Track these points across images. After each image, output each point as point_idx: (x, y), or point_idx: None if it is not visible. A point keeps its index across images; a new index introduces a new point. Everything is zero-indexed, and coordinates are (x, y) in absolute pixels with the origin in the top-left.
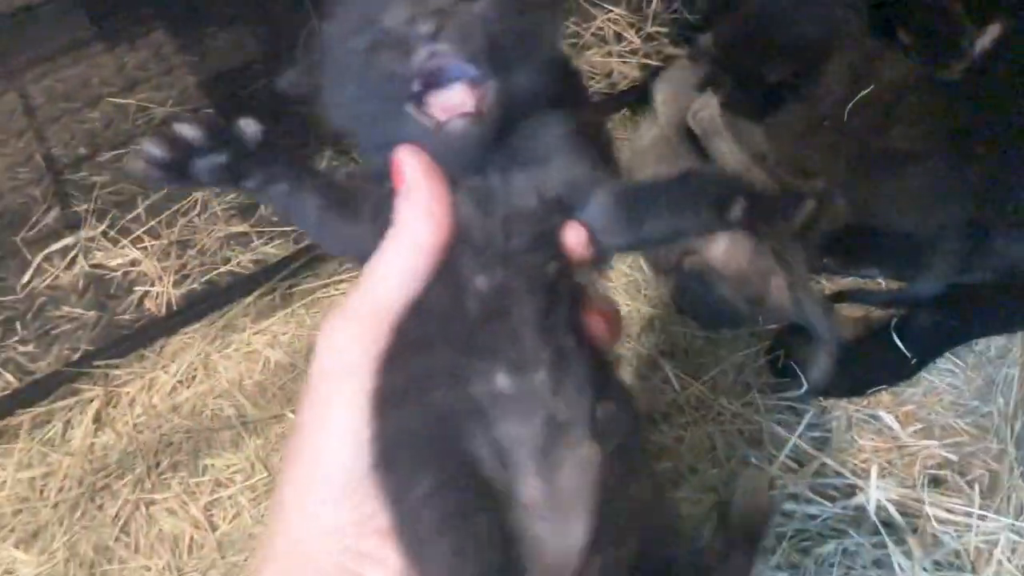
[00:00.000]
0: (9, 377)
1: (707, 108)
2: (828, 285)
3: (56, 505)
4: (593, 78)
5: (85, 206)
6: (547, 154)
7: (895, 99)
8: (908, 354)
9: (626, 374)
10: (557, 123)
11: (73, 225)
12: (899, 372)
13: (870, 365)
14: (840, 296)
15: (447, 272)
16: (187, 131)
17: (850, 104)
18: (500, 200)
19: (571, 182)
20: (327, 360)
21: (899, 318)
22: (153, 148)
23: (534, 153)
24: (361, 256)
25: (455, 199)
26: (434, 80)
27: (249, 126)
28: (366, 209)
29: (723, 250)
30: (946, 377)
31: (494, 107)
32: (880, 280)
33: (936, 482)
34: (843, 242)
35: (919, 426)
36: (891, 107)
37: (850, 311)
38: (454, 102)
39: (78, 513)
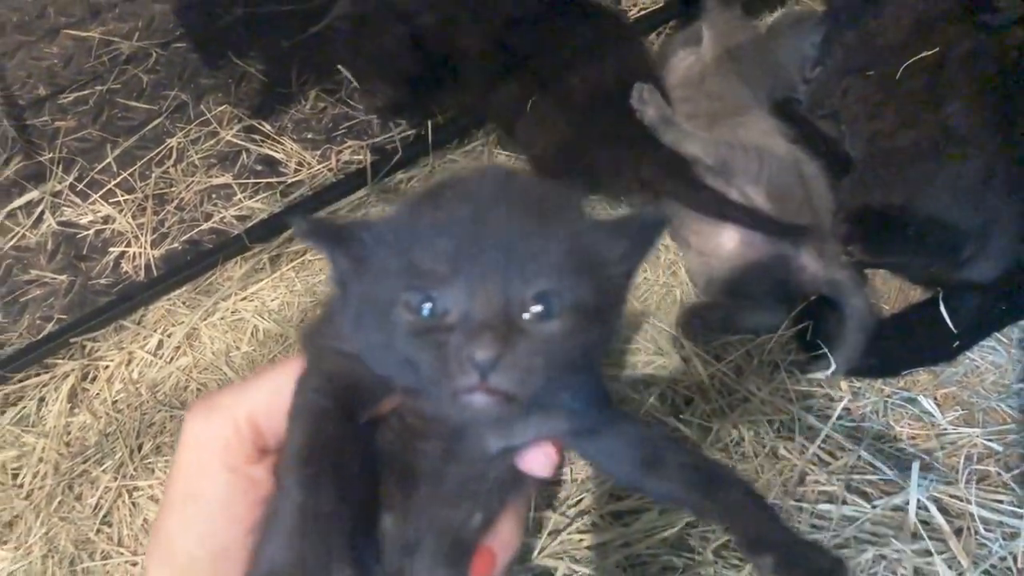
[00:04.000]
0: None
1: (650, 104)
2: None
3: (31, 494)
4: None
5: (49, 155)
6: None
7: (955, 68)
8: (954, 330)
9: (645, 352)
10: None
11: (37, 177)
12: (940, 352)
13: (908, 343)
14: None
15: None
16: None
17: (909, 60)
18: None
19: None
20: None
21: (944, 294)
22: None
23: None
24: None
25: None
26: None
27: None
28: None
29: (734, 245)
30: (988, 355)
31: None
32: None
33: (980, 477)
34: (874, 230)
35: (960, 411)
36: (950, 77)
37: (888, 283)
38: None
39: (55, 503)
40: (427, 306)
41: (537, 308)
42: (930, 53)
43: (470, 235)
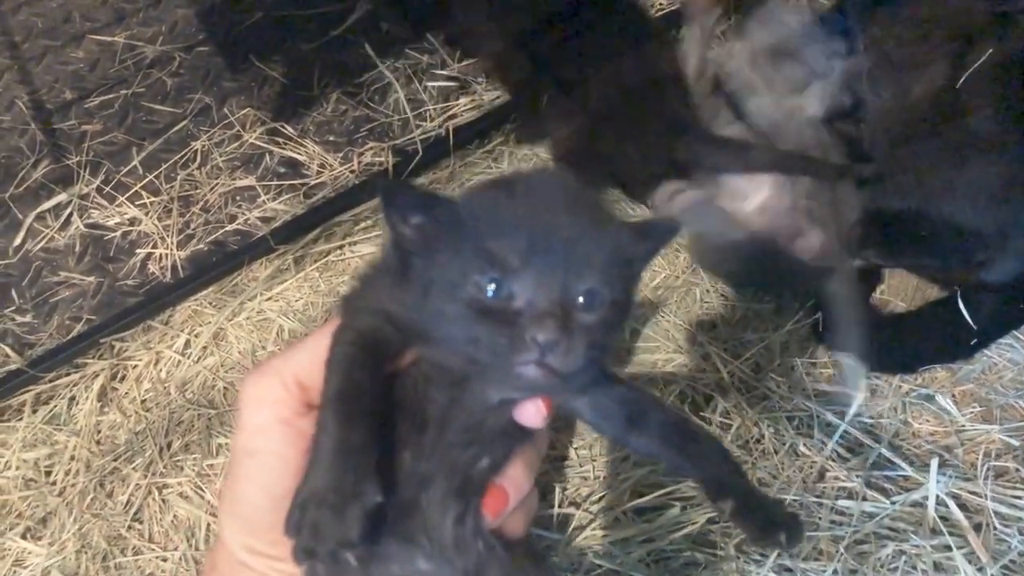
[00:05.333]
0: (8, 351)
1: (733, 59)
2: None
3: (64, 491)
4: None
5: (76, 158)
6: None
7: (981, 75)
8: (974, 326)
9: (664, 350)
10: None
11: (65, 179)
12: (957, 350)
13: (926, 341)
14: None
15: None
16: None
17: (971, 69)
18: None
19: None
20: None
21: (962, 293)
22: None
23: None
24: None
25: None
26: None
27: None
28: None
29: (758, 206)
30: (1006, 352)
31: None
32: None
33: (998, 473)
34: (890, 234)
35: (978, 408)
36: (976, 84)
37: (905, 281)
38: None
39: (87, 500)
40: (492, 288)
41: (583, 301)
42: (958, 59)
43: (540, 235)
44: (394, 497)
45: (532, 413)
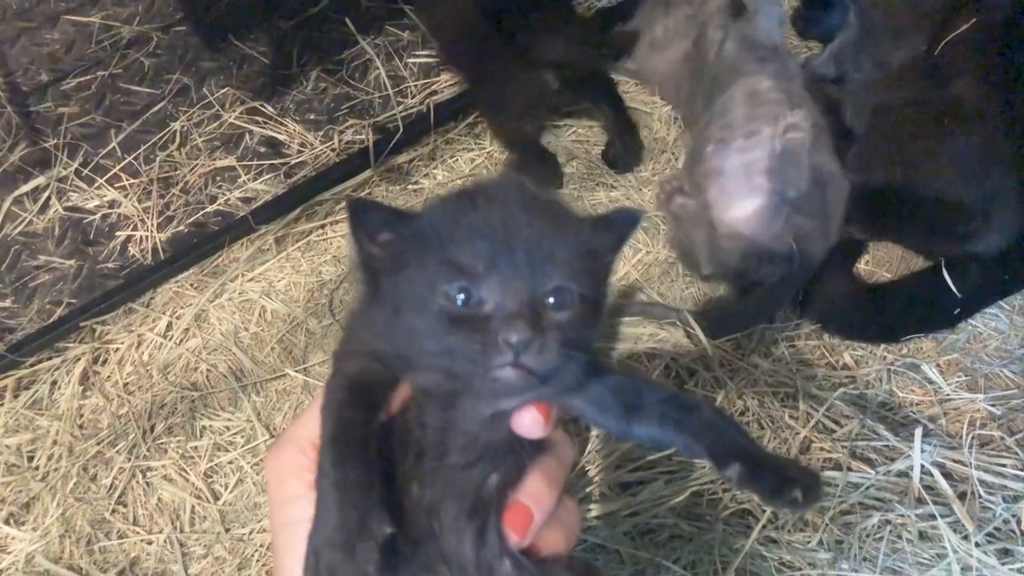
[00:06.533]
0: None
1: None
2: None
3: (47, 475)
4: None
5: (54, 141)
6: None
7: (962, 44)
8: (958, 295)
9: (648, 324)
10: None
11: (42, 162)
12: (941, 319)
13: (910, 310)
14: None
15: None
16: None
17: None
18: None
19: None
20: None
21: (947, 262)
22: None
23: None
24: None
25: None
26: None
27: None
28: None
29: (746, 214)
30: (991, 321)
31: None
32: None
33: (983, 442)
34: (873, 208)
35: (963, 377)
36: (957, 53)
37: (890, 250)
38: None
39: (71, 484)
40: (461, 296)
41: (552, 300)
42: (939, 27)
43: (502, 240)
44: (408, 528)
45: (529, 422)
